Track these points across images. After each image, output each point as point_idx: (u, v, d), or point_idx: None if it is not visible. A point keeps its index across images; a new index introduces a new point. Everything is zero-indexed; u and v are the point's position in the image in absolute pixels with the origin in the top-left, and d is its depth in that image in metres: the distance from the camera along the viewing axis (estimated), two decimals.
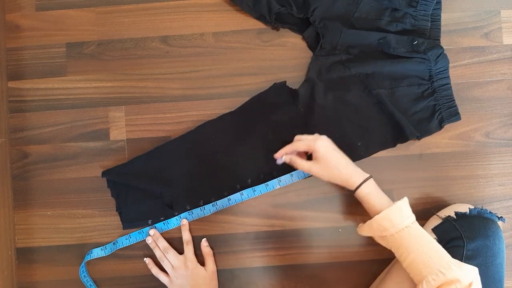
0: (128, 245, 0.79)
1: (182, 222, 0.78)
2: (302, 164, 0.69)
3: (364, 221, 0.66)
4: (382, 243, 0.65)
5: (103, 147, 0.81)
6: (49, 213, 0.81)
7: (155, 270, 0.78)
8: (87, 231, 0.80)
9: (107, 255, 0.79)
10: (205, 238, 0.79)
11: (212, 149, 0.79)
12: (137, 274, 0.80)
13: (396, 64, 0.77)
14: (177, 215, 0.78)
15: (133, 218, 0.79)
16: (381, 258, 0.79)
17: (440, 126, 0.77)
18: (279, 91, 0.80)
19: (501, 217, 0.70)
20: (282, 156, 0.70)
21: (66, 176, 0.81)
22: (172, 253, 0.77)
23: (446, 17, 0.80)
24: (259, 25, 0.82)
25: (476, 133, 0.80)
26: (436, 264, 0.58)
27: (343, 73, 0.78)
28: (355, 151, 0.77)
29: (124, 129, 0.81)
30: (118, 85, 0.81)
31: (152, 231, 0.78)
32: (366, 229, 0.66)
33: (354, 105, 0.78)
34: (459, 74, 0.81)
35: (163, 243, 0.77)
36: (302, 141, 0.69)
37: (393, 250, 0.64)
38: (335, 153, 0.68)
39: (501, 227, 0.69)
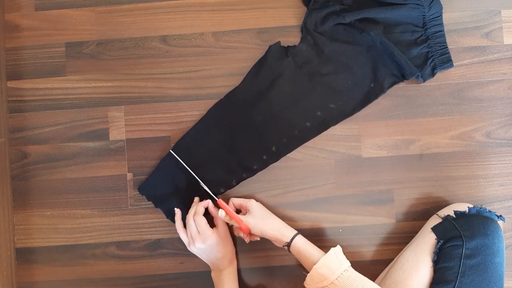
0: (128, 245, 0.80)
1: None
2: (238, 216, 0.72)
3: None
4: None
5: (103, 147, 0.81)
6: (48, 213, 0.81)
7: (178, 224, 0.75)
8: (87, 231, 0.80)
9: (107, 255, 0.80)
10: (209, 201, 0.76)
11: (229, 129, 0.79)
12: (137, 274, 0.80)
13: (390, 10, 0.77)
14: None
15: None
16: (381, 258, 0.79)
17: (432, 74, 0.78)
18: (276, 54, 0.80)
19: (500, 216, 0.70)
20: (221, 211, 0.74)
21: (66, 176, 0.81)
22: (203, 222, 0.73)
23: (447, 17, 0.79)
24: (259, 25, 0.82)
25: (477, 133, 0.80)
26: None
27: (339, 22, 0.79)
28: (369, 93, 0.79)
29: (123, 129, 0.81)
30: (117, 85, 0.81)
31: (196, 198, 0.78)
32: (309, 281, 0.66)
33: (358, 48, 0.79)
34: (459, 74, 0.80)
35: (201, 208, 0.75)
36: (236, 199, 0.76)
37: None
38: (267, 210, 0.75)
39: (501, 227, 0.69)
